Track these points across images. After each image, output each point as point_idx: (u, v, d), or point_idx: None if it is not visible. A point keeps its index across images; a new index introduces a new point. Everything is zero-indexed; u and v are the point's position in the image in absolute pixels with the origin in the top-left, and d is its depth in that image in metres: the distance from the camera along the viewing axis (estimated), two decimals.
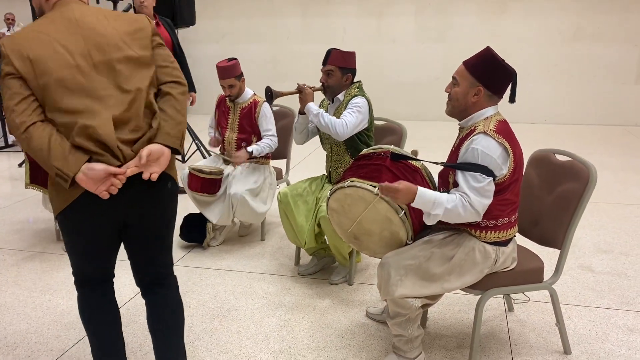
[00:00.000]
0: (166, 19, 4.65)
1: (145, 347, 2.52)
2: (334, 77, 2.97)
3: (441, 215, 2.02)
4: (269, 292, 3.04)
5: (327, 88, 3.01)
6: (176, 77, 1.92)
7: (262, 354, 2.46)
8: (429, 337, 2.57)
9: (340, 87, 3.00)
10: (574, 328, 2.62)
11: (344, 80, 2.98)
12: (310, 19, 8.68)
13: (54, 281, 3.19)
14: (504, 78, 2.07)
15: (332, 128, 2.88)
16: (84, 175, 1.72)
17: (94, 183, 1.73)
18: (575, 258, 3.40)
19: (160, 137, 1.83)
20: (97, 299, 2.03)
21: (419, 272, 2.10)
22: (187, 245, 3.67)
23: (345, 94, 3.01)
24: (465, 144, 2.06)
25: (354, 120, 2.89)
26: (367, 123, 2.98)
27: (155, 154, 1.80)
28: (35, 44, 1.72)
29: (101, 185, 1.74)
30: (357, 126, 2.92)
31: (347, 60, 2.96)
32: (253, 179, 3.55)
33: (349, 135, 2.91)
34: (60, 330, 2.67)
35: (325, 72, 2.98)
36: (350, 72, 2.99)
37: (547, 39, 7.91)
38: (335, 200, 2.30)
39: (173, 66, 1.93)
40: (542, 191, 2.40)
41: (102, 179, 1.73)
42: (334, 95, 3.03)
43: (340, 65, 2.95)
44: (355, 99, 2.93)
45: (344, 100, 3.00)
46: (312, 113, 2.94)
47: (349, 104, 2.94)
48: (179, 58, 4.64)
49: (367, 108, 2.95)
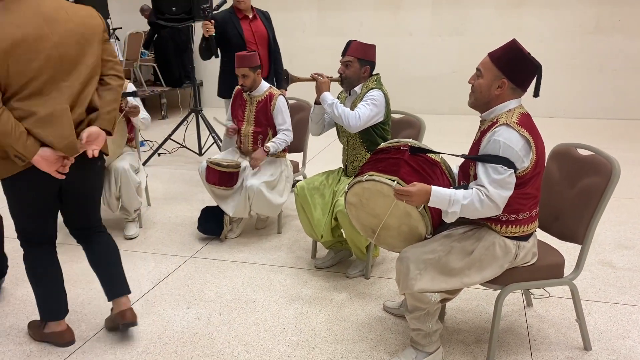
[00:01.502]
0: (264, 11, 4.41)
1: (165, 338, 2.54)
2: (352, 68, 2.94)
3: (459, 212, 2.00)
4: (286, 284, 3.05)
5: (344, 79, 2.98)
6: (118, 72, 2.30)
7: (279, 345, 2.48)
8: (447, 332, 2.56)
9: (358, 79, 2.98)
10: (594, 324, 2.59)
11: (362, 72, 2.96)
12: (326, 12, 8.64)
13: (74, 272, 3.23)
14: (528, 71, 2.04)
15: (344, 119, 2.86)
16: (40, 158, 2.07)
17: (48, 165, 2.10)
18: (596, 254, 3.36)
19: (98, 121, 2.22)
20: (46, 256, 2.42)
21: (439, 266, 2.09)
22: (204, 238, 3.70)
23: (362, 87, 2.99)
24: (486, 136, 2.04)
25: (368, 113, 2.86)
26: (383, 117, 2.96)
27: (93, 135, 2.20)
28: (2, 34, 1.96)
29: (54, 166, 2.12)
30: (371, 119, 2.90)
31: (366, 52, 2.94)
32: (269, 171, 3.56)
33: (362, 127, 2.89)
34: (81, 320, 2.71)
35: (343, 63, 2.96)
36: (369, 64, 2.96)
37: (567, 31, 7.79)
38: (353, 195, 2.30)
39: (115, 61, 2.30)
40: (563, 186, 2.37)
41: (55, 161, 2.12)
42: (351, 87, 3.01)
43: (360, 57, 2.93)
44: (372, 92, 2.91)
45: (360, 92, 2.98)
46: (327, 102, 2.92)
47: (365, 96, 2.92)
48: (274, 53, 4.35)
49: (384, 101, 2.93)
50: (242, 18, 4.21)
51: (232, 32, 4.17)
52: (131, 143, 3.84)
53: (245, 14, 4.23)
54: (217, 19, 4.18)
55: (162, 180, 5.10)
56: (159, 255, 3.46)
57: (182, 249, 3.54)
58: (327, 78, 2.97)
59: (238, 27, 4.17)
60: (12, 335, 2.59)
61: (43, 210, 2.31)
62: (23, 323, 2.69)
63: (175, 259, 3.40)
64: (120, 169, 3.53)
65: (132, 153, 3.81)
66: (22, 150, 2.03)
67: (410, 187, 2.00)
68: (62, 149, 2.10)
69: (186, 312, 2.77)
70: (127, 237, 3.71)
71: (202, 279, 3.13)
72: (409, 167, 2.16)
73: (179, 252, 3.49)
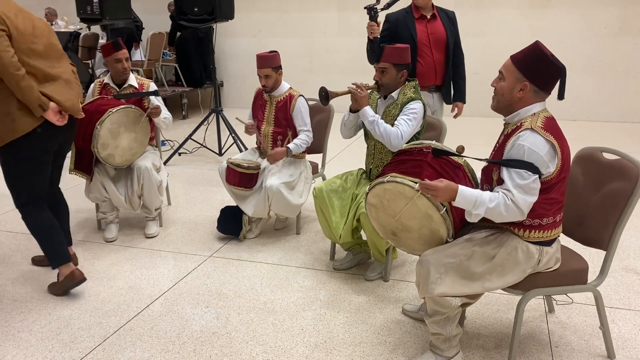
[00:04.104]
0: (448, 11, 3.79)
1: (184, 337, 2.56)
2: (388, 74, 2.87)
3: (483, 214, 1.98)
4: (305, 286, 3.04)
5: (381, 86, 2.91)
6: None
7: (298, 347, 2.47)
8: (467, 336, 2.53)
9: (395, 84, 2.90)
10: (618, 332, 2.54)
11: (399, 77, 2.88)
12: (346, 13, 8.63)
13: (95, 269, 3.27)
14: (551, 74, 2.00)
15: (386, 138, 2.81)
16: (51, 110, 2.69)
17: (54, 114, 2.71)
18: (620, 260, 3.29)
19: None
20: (45, 212, 2.89)
21: (460, 270, 2.06)
22: (223, 237, 3.72)
23: (399, 93, 2.92)
24: (510, 140, 2.01)
25: (409, 130, 2.81)
26: (420, 127, 2.92)
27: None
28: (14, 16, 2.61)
29: (58, 116, 2.72)
30: (412, 134, 2.87)
31: (401, 55, 2.86)
32: (289, 172, 3.56)
33: (403, 145, 2.82)
34: (101, 317, 2.74)
35: (379, 70, 2.88)
36: (406, 67, 2.89)
37: (592, 33, 7.66)
38: (374, 196, 2.28)
39: None
40: (588, 190, 2.32)
41: (57, 112, 2.72)
42: (388, 92, 2.94)
43: (395, 62, 2.85)
44: (412, 104, 2.85)
45: (398, 99, 2.91)
46: (368, 119, 2.85)
47: (405, 109, 2.85)
48: (453, 59, 3.75)
49: (423, 113, 2.87)
50: (419, 18, 3.67)
51: (403, 33, 3.63)
52: (152, 142, 3.88)
53: (422, 13, 3.68)
54: (390, 19, 3.73)
55: (182, 180, 5.14)
56: (179, 254, 3.49)
57: (201, 248, 3.56)
58: (365, 89, 2.85)
59: (411, 28, 3.63)
60: (35, 331, 2.63)
61: (47, 165, 2.85)
62: (45, 319, 2.73)
63: (195, 258, 3.42)
64: (142, 168, 3.57)
65: (154, 152, 3.85)
66: (43, 100, 2.64)
67: (437, 182, 1.98)
68: (68, 109, 2.75)
69: (205, 311, 2.79)
70: (147, 236, 3.74)
71: (220, 278, 3.14)
72: (432, 169, 2.14)
73: (199, 252, 3.51)
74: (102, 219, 3.78)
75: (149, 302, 2.88)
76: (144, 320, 2.72)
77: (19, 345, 2.52)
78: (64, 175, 3.37)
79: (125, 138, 3.48)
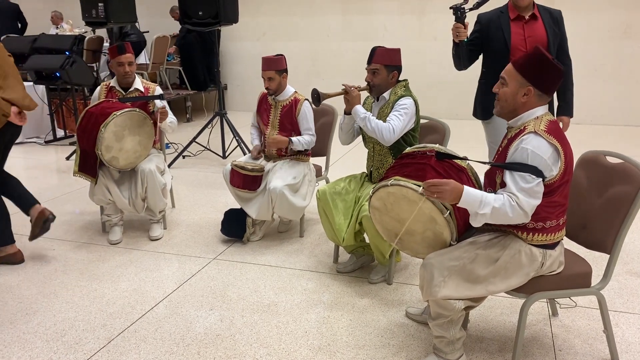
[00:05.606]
0: (553, 10, 3.34)
1: (188, 339, 2.57)
2: (379, 75, 2.94)
3: (488, 215, 1.98)
4: (308, 288, 3.05)
5: (373, 87, 2.98)
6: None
7: (301, 349, 2.48)
8: (470, 340, 2.53)
9: (386, 85, 2.97)
10: (621, 336, 2.54)
11: (390, 78, 2.95)
12: (350, 17, 8.65)
13: (100, 271, 3.28)
14: (553, 77, 2.03)
15: (378, 133, 2.85)
16: (12, 113, 3.12)
17: (15, 116, 3.14)
18: (623, 263, 3.29)
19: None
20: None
21: (463, 273, 2.07)
22: (227, 240, 3.73)
23: (391, 93, 2.98)
24: (514, 143, 2.02)
25: (401, 125, 2.86)
26: (414, 124, 2.94)
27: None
28: None
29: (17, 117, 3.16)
30: (404, 129, 2.89)
31: (392, 57, 2.93)
32: (292, 174, 3.57)
33: (396, 139, 2.88)
34: (106, 319, 2.75)
35: (370, 71, 2.95)
36: (396, 69, 2.96)
37: (595, 36, 7.66)
38: (377, 199, 2.29)
39: None
40: (591, 194, 2.33)
41: (17, 114, 3.16)
42: (379, 93, 3.00)
43: (386, 63, 2.92)
44: (402, 100, 2.90)
45: (389, 99, 2.97)
46: (359, 117, 2.91)
47: (396, 105, 2.91)
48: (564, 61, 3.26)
49: (414, 109, 2.91)
50: (515, 19, 3.17)
51: (495, 36, 3.17)
52: (156, 145, 3.90)
53: (519, 14, 3.18)
54: (482, 20, 3.26)
55: (186, 183, 5.16)
56: (183, 256, 3.50)
57: (205, 251, 3.57)
58: (357, 89, 2.94)
59: (505, 30, 3.15)
60: (40, 333, 2.64)
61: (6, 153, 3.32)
62: (50, 320, 2.74)
63: (199, 260, 3.43)
64: (146, 170, 3.59)
65: (158, 155, 3.87)
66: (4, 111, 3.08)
67: (444, 181, 1.98)
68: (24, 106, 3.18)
69: (209, 313, 2.80)
70: (152, 238, 3.76)
71: (224, 280, 3.15)
72: (435, 173, 2.15)
73: (203, 254, 3.52)
74: (106, 221, 3.80)
75: (153, 305, 2.89)
76: (148, 322, 2.73)
77: (24, 347, 2.53)
78: (69, 177, 3.40)
79: (129, 141, 3.50)
